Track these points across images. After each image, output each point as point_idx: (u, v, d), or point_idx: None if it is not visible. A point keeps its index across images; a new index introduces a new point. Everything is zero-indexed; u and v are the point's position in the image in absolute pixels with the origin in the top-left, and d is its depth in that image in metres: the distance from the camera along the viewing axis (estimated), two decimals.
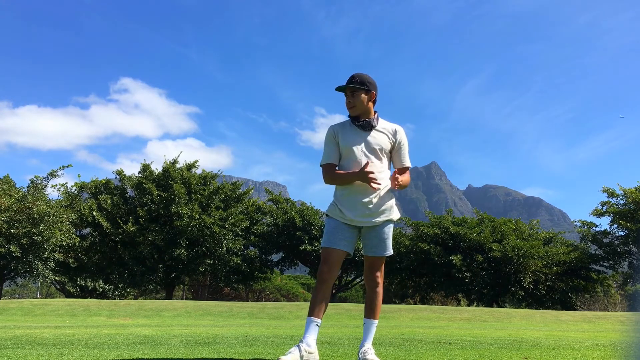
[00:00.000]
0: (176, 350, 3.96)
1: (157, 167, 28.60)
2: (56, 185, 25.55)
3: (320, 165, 3.36)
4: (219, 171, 30.22)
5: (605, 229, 27.99)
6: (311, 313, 3.13)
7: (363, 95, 3.25)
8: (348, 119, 3.36)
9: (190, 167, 28.99)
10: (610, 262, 27.49)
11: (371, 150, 3.25)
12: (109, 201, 26.50)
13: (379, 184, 3.17)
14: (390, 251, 3.28)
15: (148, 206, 26.81)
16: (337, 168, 3.33)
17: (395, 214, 3.33)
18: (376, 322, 3.26)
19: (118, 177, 28.40)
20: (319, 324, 3.12)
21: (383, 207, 3.24)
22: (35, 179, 24.40)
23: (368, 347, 3.16)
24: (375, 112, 3.34)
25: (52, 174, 24.62)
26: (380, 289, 3.26)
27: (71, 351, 3.85)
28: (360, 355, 3.11)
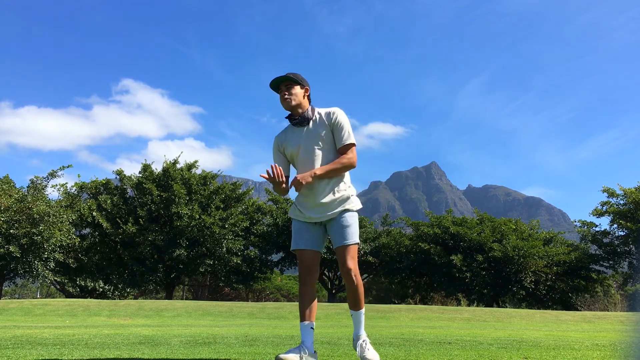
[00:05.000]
0: (176, 350, 3.96)
1: (157, 167, 28.63)
2: (56, 185, 25.56)
3: None
4: (219, 171, 30.21)
5: (605, 229, 27.99)
6: (302, 318, 3.17)
7: (298, 88, 3.27)
8: (288, 122, 3.37)
9: (190, 167, 28.98)
10: (610, 262, 27.48)
11: (311, 143, 3.23)
12: (108, 201, 26.49)
13: (307, 181, 3.13)
14: (352, 239, 3.17)
15: (148, 206, 26.80)
16: (288, 177, 3.35)
17: (354, 204, 3.27)
18: (362, 310, 3.25)
19: (118, 177, 28.40)
20: (313, 327, 3.14)
21: (338, 199, 3.21)
22: (35, 179, 24.39)
23: (364, 338, 3.18)
24: (311, 105, 3.34)
25: (52, 174, 24.61)
26: (356, 279, 3.16)
27: (71, 351, 3.85)
28: (357, 349, 3.15)
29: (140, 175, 28.19)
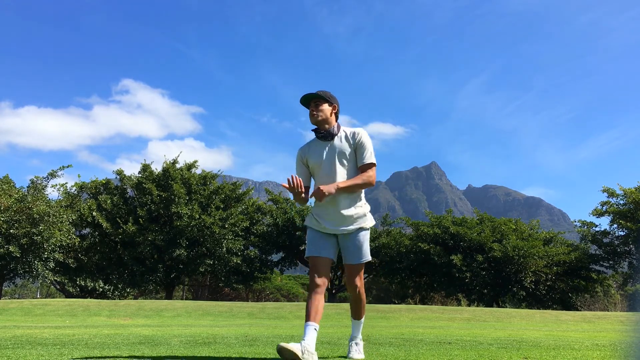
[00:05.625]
0: (176, 350, 3.96)
1: (157, 167, 28.63)
2: (56, 185, 25.54)
3: None
4: (218, 171, 30.21)
5: (605, 229, 27.99)
6: (308, 318, 3.24)
7: (326, 106, 3.45)
8: (314, 135, 3.54)
9: (190, 167, 28.99)
10: (610, 262, 27.48)
11: (334, 158, 3.40)
12: (108, 201, 26.49)
13: (330, 192, 3.26)
14: (365, 258, 3.40)
15: (148, 206, 26.80)
16: (308, 188, 3.53)
17: (369, 222, 3.45)
18: (362, 320, 3.63)
19: (118, 177, 28.40)
20: (316, 329, 3.22)
21: (354, 216, 3.39)
22: (35, 179, 24.39)
23: (357, 340, 3.57)
24: (337, 123, 3.52)
25: (52, 174, 24.60)
26: (360, 293, 3.48)
27: (71, 351, 3.85)
28: (349, 347, 3.55)
29: (140, 175, 28.19)
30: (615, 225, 27.17)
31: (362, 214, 3.41)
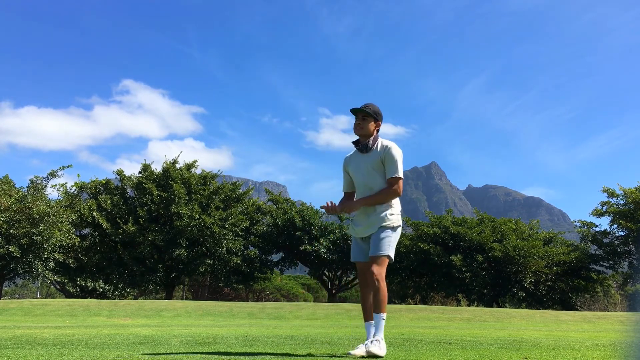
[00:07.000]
0: (176, 350, 3.96)
1: (157, 167, 28.63)
2: (56, 185, 25.52)
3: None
4: (218, 171, 30.21)
5: (605, 229, 27.99)
6: (365, 319, 3.73)
7: (372, 122, 3.81)
8: (354, 146, 3.92)
9: (189, 167, 29.00)
10: (610, 262, 27.48)
11: (368, 169, 3.78)
12: (108, 201, 26.49)
13: (351, 211, 3.75)
14: (383, 250, 3.64)
15: (148, 206, 26.81)
16: (352, 193, 4.00)
17: (392, 222, 3.72)
18: (382, 314, 3.63)
19: (118, 177, 28.41)
20: (374, 325, 3.64)
21: (376, 219, 3.73)
22: (35, 179, 24.39)
23: (376, 338, 3.57)
24: (376, 135, 3.86)
25: (52, 174, 24.60)
26: (378, 283, 3.59)
27: (71, 351, 3.85)
28: (366, 342, 3.56)
29: (140, 175, 28.20)
30: (615, 226, 27.17)
31: (385, 216, 3.71)
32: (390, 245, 3.67)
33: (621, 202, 27.17)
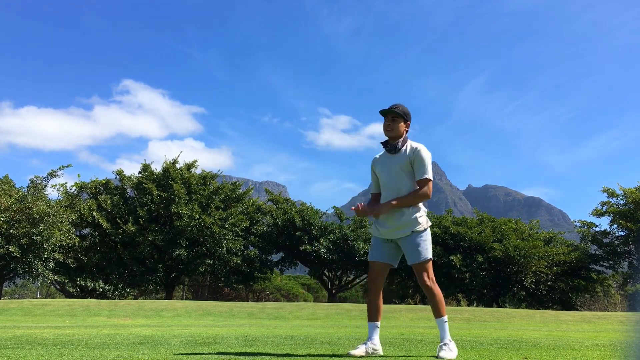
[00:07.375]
0: (176, 350, 3.96)
1: (156, 167, 28.62)
2: (56, 185, 25.51)
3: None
4: (218, 171, 30.20)
5: (605, 229, 27.99)
6: (369, 319, 3.76)
7: (402, 123, 3.79)
8: (382, 147, 3.89)
9: (189, 167, 28.98)
10: (610, 262, 27.48)
11: (396, 171, 3.74)
12: (108, 201, 26.48)
13: (379, 214, 3.67)
14: (423, 256, 3.66)
15: (148, 206, 26.79)
16: (379, 195, 3.94)
17: (422, 225, 3.69)
18: (443, 318, 3.68)
19: (118, 177, 28.39)
20: (378, 326, 3.70)
21: (407, 221, 3.67)
22: (35, 179, 24.37)
23: (445, 341, 3.60)
24: (405, 137, 3.83)
25: (52, 174, 24.58)
26: (432, 289, 3.65)
27: (71, 351, 3.85)
28: (437, 351, 3.58)
29: (140, 175, 28.18)
30: (615, 226, 27.17)
31: (415, 219, 3.67)
32: (428, 248, 3.70)
33: (621, 202, 27.17)
